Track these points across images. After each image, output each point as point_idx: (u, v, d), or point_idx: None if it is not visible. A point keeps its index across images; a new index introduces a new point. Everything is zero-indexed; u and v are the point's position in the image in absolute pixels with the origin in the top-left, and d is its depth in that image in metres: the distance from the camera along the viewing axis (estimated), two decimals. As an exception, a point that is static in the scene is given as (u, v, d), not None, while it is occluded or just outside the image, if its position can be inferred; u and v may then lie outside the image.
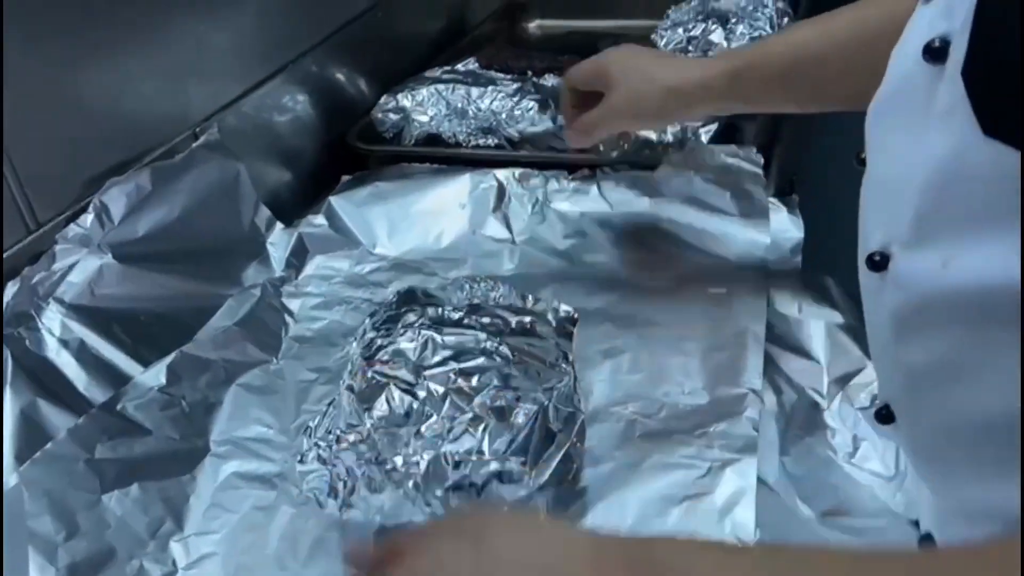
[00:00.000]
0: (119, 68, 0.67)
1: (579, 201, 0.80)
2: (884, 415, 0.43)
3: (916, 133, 0.35)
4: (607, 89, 0.68)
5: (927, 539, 0.44)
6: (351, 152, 0.89)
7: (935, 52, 0.34)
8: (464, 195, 0.81)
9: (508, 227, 0.79)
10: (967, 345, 0.34)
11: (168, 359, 0.60)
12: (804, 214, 0.74)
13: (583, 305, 0.63)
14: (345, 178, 0.86)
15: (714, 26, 0.99)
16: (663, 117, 0.72)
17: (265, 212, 0.77)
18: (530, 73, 0.91)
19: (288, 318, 0.69)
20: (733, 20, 0.99)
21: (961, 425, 0.36)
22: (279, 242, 0.76)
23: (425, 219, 0.79)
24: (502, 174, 0.82)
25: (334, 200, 0.80)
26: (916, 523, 0.51)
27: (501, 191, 0.81)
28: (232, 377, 0.62)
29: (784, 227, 0.73)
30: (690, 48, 0.99)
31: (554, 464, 0.52)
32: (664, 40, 1.02)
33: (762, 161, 0.76)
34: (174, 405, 0.58)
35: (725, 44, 0.97)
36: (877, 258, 0.38)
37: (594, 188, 0.80)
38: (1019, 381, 0.31)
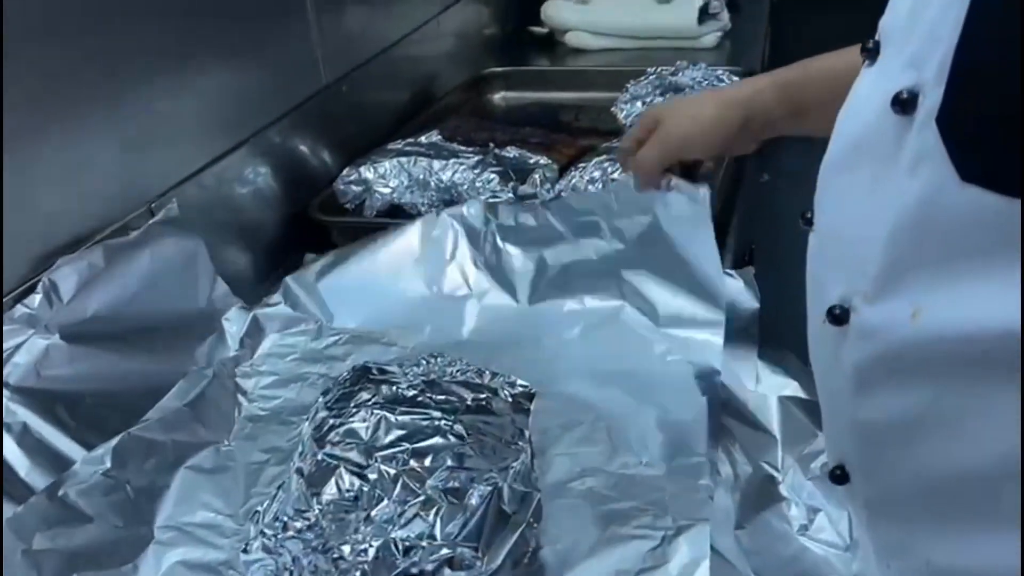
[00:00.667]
0: (76, 140, 0.66)
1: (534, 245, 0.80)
2: (838, 475, 0.42)
3: (879, 184, 0.35)
4: (660, 122, 0.70)
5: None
6: (313, 224, 0.90)
7: (904, 103, 0.34)
8: (416, 247, 0.81)
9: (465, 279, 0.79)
10: (941, 396, 0.33)
11: (114, 441, 0.58)
12: (760, 284, 0.74)
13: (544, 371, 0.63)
14: (309, 256, 0.85)
15: (671, 99, 1.01)
16: (720, 129, 0.68)
17: (222, 287, 0.76)
18: (492, 145, 0.92)
19: (241, 397, 0.67)
20: (689, 92, 1.02)
21: (929, 480, 0.35)
22: (235, 319, 0.75)
23: (381, 284, 0.79)
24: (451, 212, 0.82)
25: (290, 279, 0.80)
26: None
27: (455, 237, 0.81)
28: (181, 459, 0.60)
29: (741, 298, 0.73)
30: (649, 120, 1.01)
31: (508, 546, 0.51)
32: (624, 113, 1.04)
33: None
34: (118, 489, 0.56)
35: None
36: (837, 311, 0.38)
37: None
38: (1004, 429, 0.30)
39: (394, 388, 0.58)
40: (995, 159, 0.29)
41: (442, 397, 0.58)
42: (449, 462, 0.52)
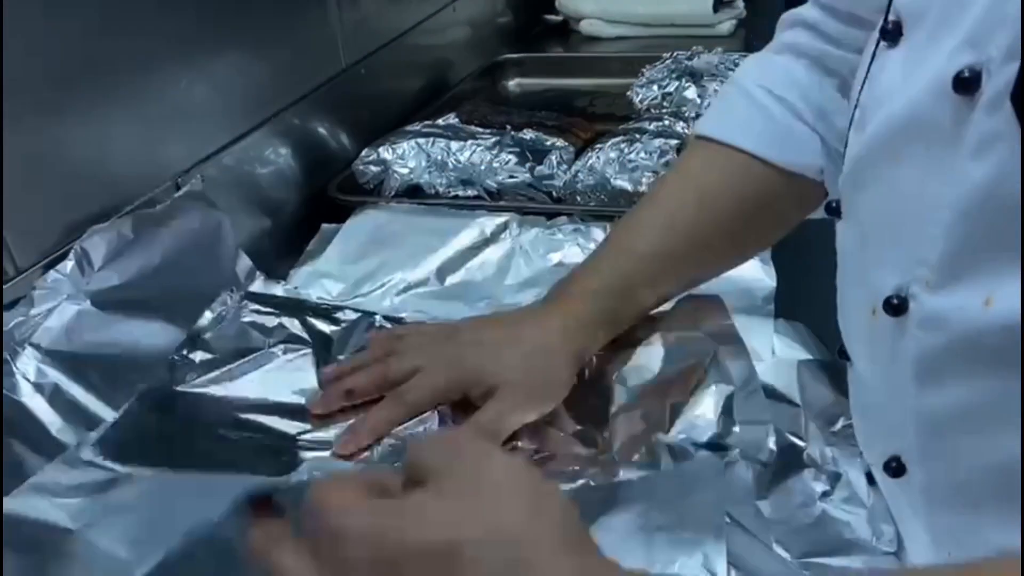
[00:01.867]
0: (101, 120, 0.68)
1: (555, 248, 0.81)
2: (894, 468, 0.41)
3: (935, 168, 0.34)
4: (494, 385, 0.54)
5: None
6: (332, 204, 0.91)
7: (966, 83, 0.32)
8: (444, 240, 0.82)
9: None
10: (1012, 382, 0.32)
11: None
12: (776, 263, 0.75)
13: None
14: (325, 227, 0.87)
15: (687, 84, 1.02)
16: (559, 384, 0.57)
17: (246, 261, 0.78)
18: (509, 127, 0.94)
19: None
20: (706, 78, 1.03)
21: (999, 465, 0.34)
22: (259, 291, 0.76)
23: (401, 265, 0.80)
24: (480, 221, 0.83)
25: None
26: (895, 554, 0.51)
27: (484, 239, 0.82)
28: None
29: (757, 276, 0.74)
30: (665, 104, 1.02)
31: None
32: (639, 97, 1.05)
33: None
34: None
35: (699, 100, 1.00)
36: (895, 301, 0.37)
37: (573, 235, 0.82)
38: None
39: None
40: None
41: None
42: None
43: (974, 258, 0.33)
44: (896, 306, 0.37)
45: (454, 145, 0.90)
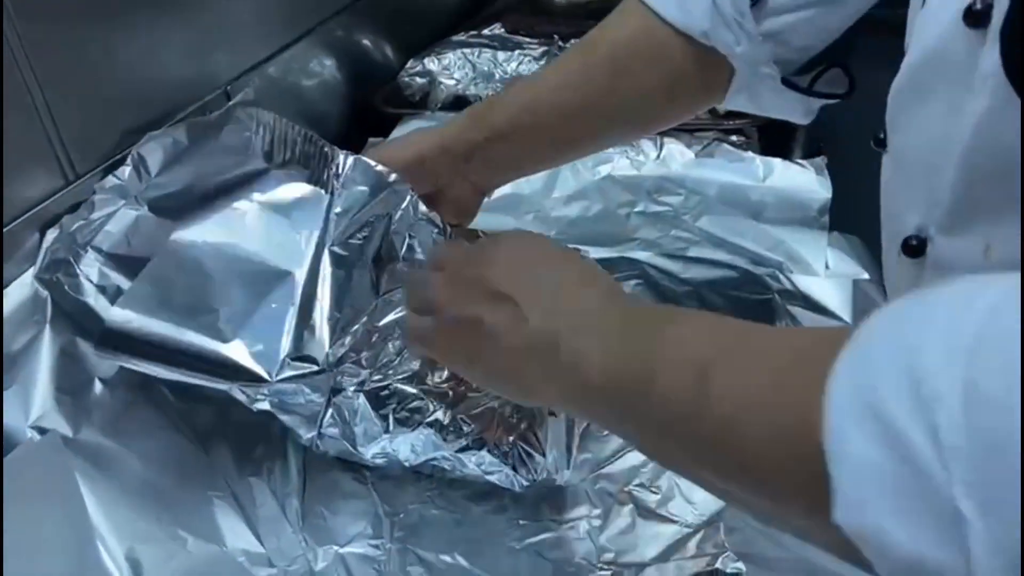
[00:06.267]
0: (151, 29, 0.68)
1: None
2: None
3: (954, 104, 0.33)
4: None
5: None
6: (378, 115, 0.90)
7: (976, 16, 0.31)
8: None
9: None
10: None
11: None
12: (832, 175, 0.74)
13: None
14: (372, 141, 0.86)
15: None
16: (416, 157, 0.60)
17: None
18: (556, 37, 0.91)
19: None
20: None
21: None
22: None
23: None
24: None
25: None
26: None
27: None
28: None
29: (811, 187, 0.73)
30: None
31: None
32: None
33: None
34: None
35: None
36: (914, 243, 0.36)
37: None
38: None
39: None
40: None
41: None
42: None
43: (975, 202, 0.32)
44: (915, 247, 0.36)
45: (501, 56, 0.89)
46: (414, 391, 0.51)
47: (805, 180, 0.73)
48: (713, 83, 0.55)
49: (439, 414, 0.51)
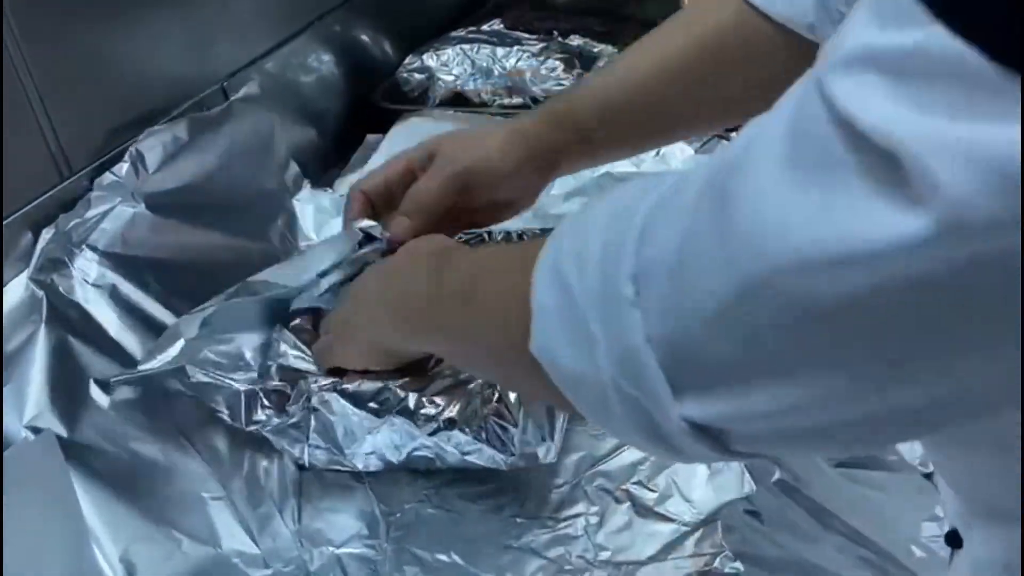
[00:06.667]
0: (148, 23, 0.67)
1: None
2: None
3: None
4: (436, 154, 0.57)
5: (952, 535, 0.42)
6: (376, 111, 0.90)
7: None
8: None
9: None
10: None
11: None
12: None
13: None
14: (370, 138, 0.86)
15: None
16: (507, 160, 0.56)
17: (294, 170, 0.77)
18: (555, 33, 0.91)
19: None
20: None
21: None
22: (306, 200, 0.77)
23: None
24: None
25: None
26: (929, 475, 0.51)
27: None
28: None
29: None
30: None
31: None
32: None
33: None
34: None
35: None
36: None
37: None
38: None
39: None
40: None
41: None
42: None
43: None
44: None
45: (500, 51, 0.88)
46: (380, 384, 0.51)
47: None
48: (802, 59, 0.54)
49: (408, 400, 0.51)
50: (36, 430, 0.51)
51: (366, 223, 0.56)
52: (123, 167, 0.62)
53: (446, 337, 0.44)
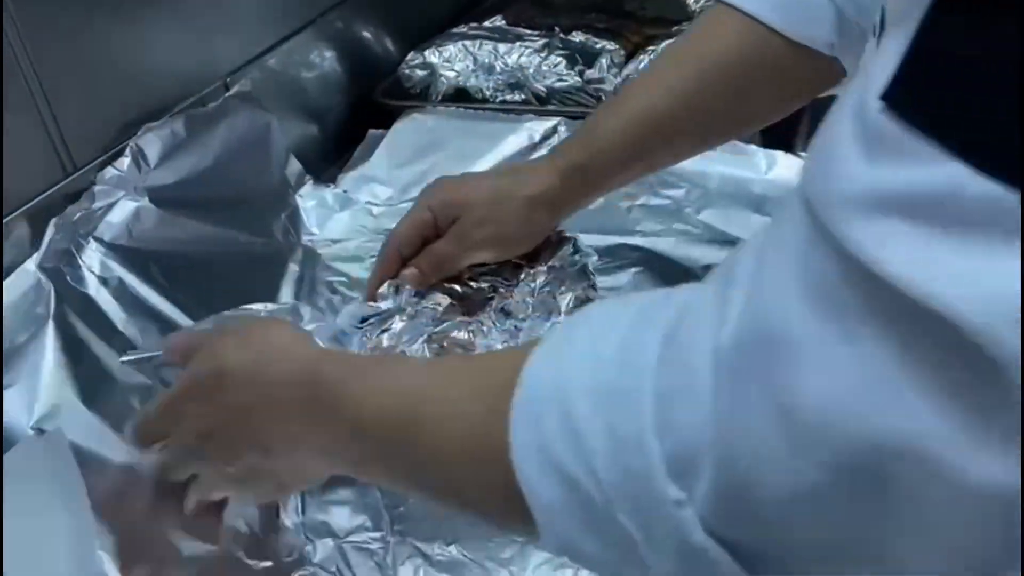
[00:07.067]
0: (149, 21, 0.68)
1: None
2: None
3: None
4: (462, 212, 0.58)
5: None
6: (378, 108, 0.90)
7: None
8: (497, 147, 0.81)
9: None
10: None
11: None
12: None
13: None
14: (372, 133, 0.86)
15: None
16: (531, 235, 0.59)
17: (296, 166, 0.78)
18: (557, 30, 0.91)
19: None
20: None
21: None
22: (309, 196, 0.77)
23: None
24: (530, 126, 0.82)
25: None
26: None
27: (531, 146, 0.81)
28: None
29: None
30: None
31: None
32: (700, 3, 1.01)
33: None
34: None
35: None
36: None
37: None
38: None
39: None
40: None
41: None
42: None
43: None
44: None
45: (501, 48, 0.88)
46: None
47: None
48: (826, 83, 0.55)
49: None
50: (45, 428, 0.51)
51: (370, 310, 0.56)
52: (125, 162, 0.62)
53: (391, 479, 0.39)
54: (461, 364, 0.42)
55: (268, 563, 0.49)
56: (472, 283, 0.59)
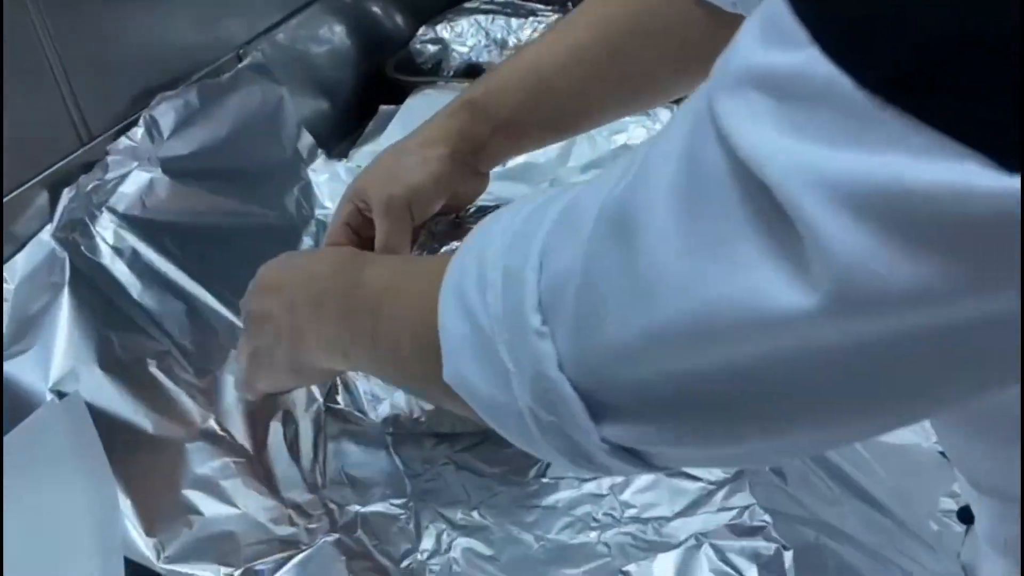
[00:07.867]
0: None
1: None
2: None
3: None
4: (368, 186, 0.57)
5: (964, 511, 0.43)
6: (389, 83, 0.89)
7: None
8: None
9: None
10: None
11: None
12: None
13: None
14: (384, 108, 0.85)
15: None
16: (432, 172, 0.56)
17: (308, 139, 0.77)
18: (570, 4, 0.91)
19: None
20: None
21: None
22: (321, 170, 0.76)
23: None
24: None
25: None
26: (943, 453, 0.50)
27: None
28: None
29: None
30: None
31: None
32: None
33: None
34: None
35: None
36: None
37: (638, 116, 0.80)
38: None
39: None
40: None
41: None
42: None
43: None
44: None
45: (514, 22, 0.88)
46: None
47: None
48: (724, 36, 0.53)
49: None
50: (62, 393, 0.51)
51: None
52: (138, 132, 0.62)
53: (356, 350, 0.42)
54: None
55: (292, 529, 0.49)
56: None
